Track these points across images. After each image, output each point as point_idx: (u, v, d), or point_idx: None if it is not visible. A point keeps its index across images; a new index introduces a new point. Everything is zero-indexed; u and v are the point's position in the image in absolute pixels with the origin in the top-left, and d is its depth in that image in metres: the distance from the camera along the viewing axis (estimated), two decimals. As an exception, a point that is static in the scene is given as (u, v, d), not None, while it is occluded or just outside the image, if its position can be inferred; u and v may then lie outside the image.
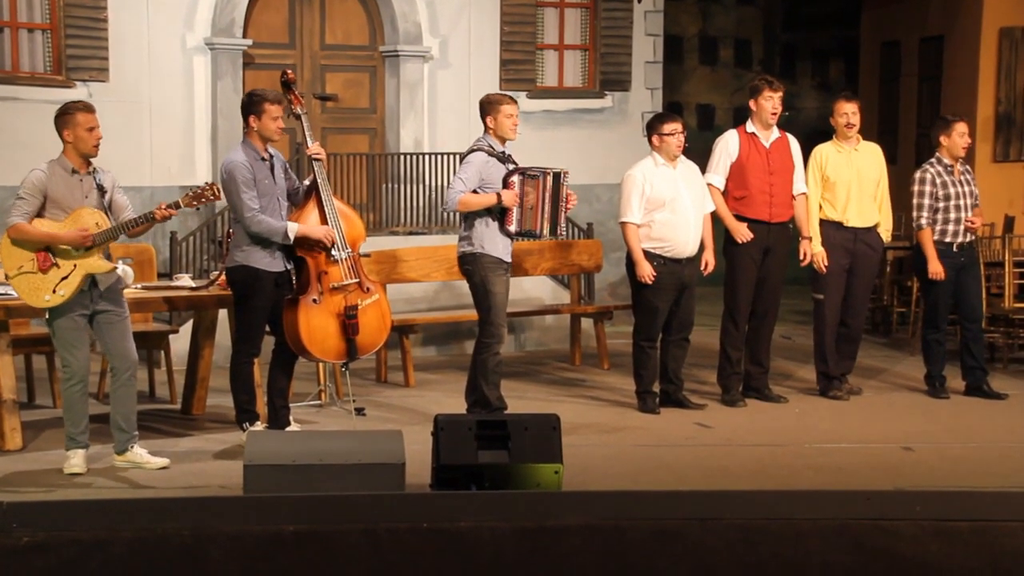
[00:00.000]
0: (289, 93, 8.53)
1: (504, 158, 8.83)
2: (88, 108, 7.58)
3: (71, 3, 12.10)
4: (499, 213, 8.75)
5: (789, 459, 8.17)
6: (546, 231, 8.86)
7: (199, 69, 12.75)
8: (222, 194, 7.89)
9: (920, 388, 10.20)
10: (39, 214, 7.49)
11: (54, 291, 7.46)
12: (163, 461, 7.72)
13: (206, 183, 7.84)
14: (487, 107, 8.87)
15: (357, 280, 8.36)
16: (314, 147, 8.35)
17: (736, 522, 6.17)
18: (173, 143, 12.60)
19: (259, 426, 8.33)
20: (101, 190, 7.59)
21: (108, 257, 7.63)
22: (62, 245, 7.44)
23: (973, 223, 9.92)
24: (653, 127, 9.33)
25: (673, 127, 9.24)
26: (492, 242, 8.77)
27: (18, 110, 11.87)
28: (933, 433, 8.94)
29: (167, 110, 12.53)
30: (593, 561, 6.01)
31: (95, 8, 12.18)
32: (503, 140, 8.84)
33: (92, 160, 7.62)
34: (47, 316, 7.57)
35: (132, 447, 7.74)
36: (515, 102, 8.94)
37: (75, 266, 7.46)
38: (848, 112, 9.82)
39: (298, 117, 8.54)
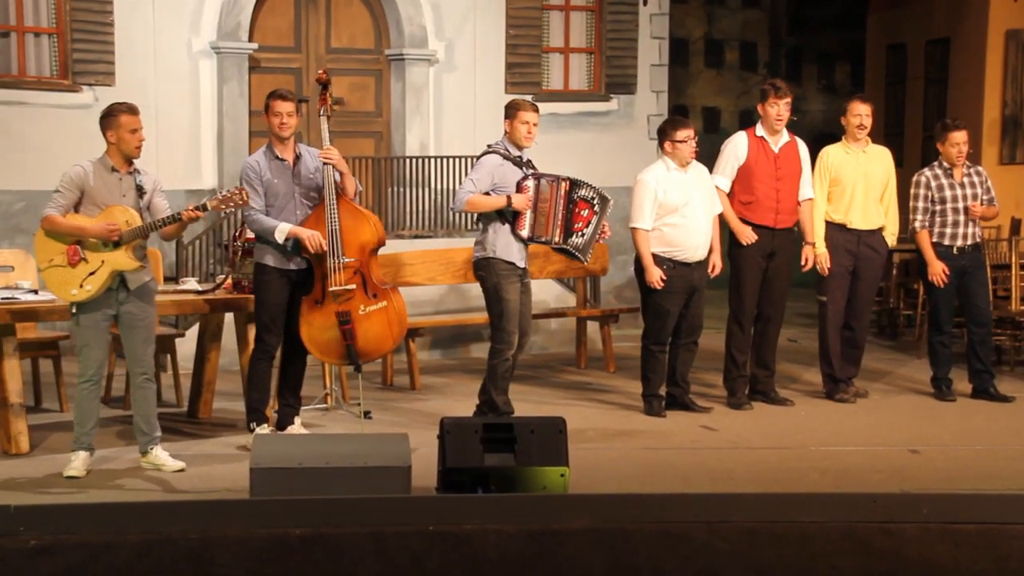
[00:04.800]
0: (323, 93, 8.54)
1: (520, 162, 8.80)
2: (132, 110, 7.63)
3: (77, 7, 12.13)
4: (511, 218, 8.73)
5: (795, 462, 8.16)
6: (558, 238, 8.79)
7: (205, 73, 12.77)
8: (248, 198, 7.89)
9: (926, 391, 10.19)
10: (76, 209, 7.55)
11: (81, 285, 7.51)
12: (179, 464, 7.75)
13: (237, 187, 7.87)
14: (507, 110, 8.84)
15: (354, 287, 8.33)
16: (325, 151, 8.35)
17: (742, 525, 6.17)
18: (179, 147, 12.62)
19: (265, 429, 8.34)
20: (140, 191, 7.64)
21: (141, 256, 7.66)
22: (90, 238, 7.48)
23: (974, 207, 9.83)
24: (665, 133, 9.30)
25: (686, 134, 9.21)
26: (505, 247, 8.74)
27: (25, 114, 11.90)
28: (939, 436, 8.93)
29: (173, 114, 12.55)
30: (599, 564, 6.01)
31: (101, 12, 12.21)
32: (518, 146, 8.82)
33: (135, 161, 7.66)
34: (73, 311, 7.61)
35: (152, 449, 7.77)
36: (536, 109, 8.83)
37: (103, 262, 7.51)
38: (862, 113, 9.78)
39: (321, 117, 8.54)
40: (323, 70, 8.73)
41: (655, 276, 9.16)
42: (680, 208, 9.17)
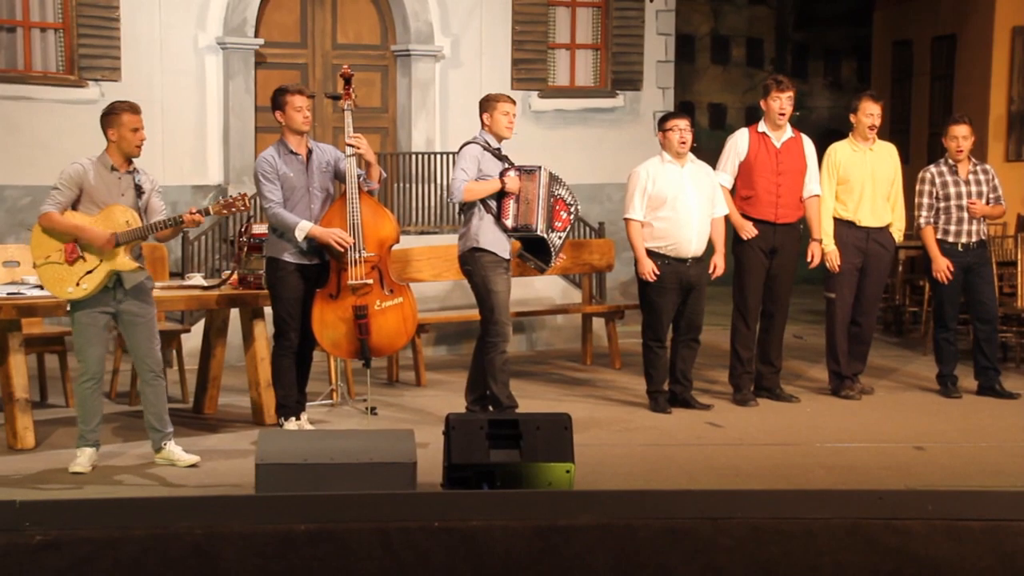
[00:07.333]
0: (347, 87, 8.56)
1: (499, 155, 8.83)
2: (133, 109, 7.61)
3: (83, 2, 12.15)
4: (496, 208, 8.74)
5: (801, 458, 8.16)
6: (542, 227, 8.81)
7: (211, 68, 12.78)
8: (251, 205, 7.92)
9: (932, 388, 10.18)
10: (74, 207, 7.53)
11: (77, 284, 7.49)
12: (193, 458, 7.75)
13: (240, 193, 7.87)
14: (484, 104, 8.88)
15: (372, 281, 8.36)
16: (353, 137, 8.36)
17: (747, 521, 6.17)
18: (185, 142, 12.63)
19: (294, 424, 8.36)
20: (139, 190, 7.62)
21: (138, 257, 7.66)
22: (88, 242, 7.48)
23: (973, 206, 9.81)
24: (659, 124, 9.39)
25: (674, 123, 9.23)
26: (488, 239, 8.74)
27: (30, 109, 11.92)
28: (945, 433, 8.93)
29: (179, 109, 12.56)
30: (604, 560, 6.01)
31: (107, 7, 12.23)
32: (499, 138, 8.84)
33: (134, 160, 7.65)
34: (68, 308, 7.61)
35: (166, 445, 7.78)
36: (513, 102, 8.89)
37: (101, 261, 7.50)
38: (875, 113, 9.75)
39: (343, 112, 8.57)
40: (347, 65, 8.77)
41: (647, 268, 9.17)
42: (670, 201, 9.16)
